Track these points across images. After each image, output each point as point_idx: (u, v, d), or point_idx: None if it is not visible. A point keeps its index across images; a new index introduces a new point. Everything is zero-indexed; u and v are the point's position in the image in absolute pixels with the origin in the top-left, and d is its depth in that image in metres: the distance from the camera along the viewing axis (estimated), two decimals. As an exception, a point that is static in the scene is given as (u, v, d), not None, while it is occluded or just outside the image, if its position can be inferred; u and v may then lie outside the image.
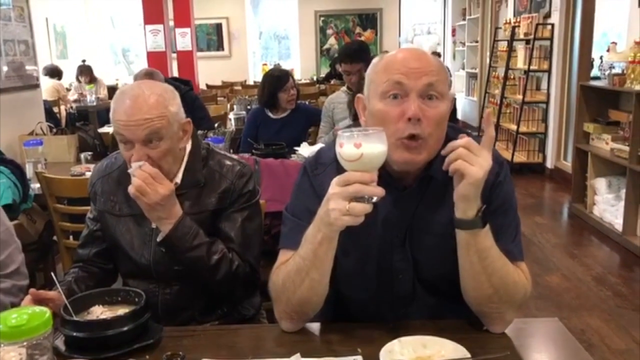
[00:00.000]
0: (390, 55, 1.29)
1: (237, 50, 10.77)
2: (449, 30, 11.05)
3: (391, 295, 1.38)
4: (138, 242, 1.59)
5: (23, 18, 3.86)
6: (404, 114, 1.20)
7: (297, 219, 1.34)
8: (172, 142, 1.49)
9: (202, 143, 1.64)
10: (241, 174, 1.59)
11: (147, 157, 1.45)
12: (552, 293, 3.45)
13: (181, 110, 1.53)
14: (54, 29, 9.61)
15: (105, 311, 1.37)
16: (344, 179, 1.10)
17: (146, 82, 1.54)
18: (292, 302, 1.28)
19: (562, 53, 5.97)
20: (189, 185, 1.57)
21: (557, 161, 6.15)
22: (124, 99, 1.46)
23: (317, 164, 1.39)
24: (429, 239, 1.31)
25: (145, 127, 1.43)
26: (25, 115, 3.78)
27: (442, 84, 1.23)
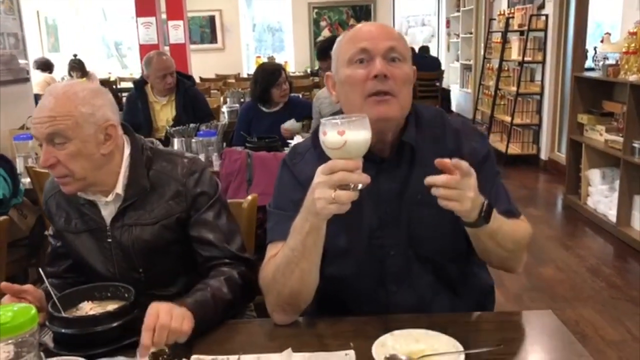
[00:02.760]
0: (354, 29, 1.37)
1: (231, 43, 10.71)
2: (443, 22, 11.02)
3: (382, 272, 1.37)
4: (99, 256, 1.52)
5: (12, 11, 3.82)
6: (371, 73, 1.27)
7: (281, 211, 1.36)
8: (84, 145, 1.38)
9: (144, 144, 1.53)
10: (190, 172, 1.49)
11: (55, 158, 1.37)
12: (546, 285, 3.45)
13: (101, 111, 1.40)
14: (45, 22, 9.54)
15: (95, 307, 1.35)
16: (329, 167, 1.10)
17: (72, 82, 1.45)
18: (284, 294, 1.28)
19: (556, 44, 5.96)
20: (134, 194, 1.47)
21: (551, 153, 6.15)
22: (44, 97, 1.39)
23: (295, 154, 1.44)
24: (426, 211, 1.31)
25: (47, 126, 1.34)
26: (16, 109, 3.74)
27: (403, 49, 1.32)
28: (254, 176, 2.41)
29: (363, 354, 1.17)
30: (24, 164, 2.82)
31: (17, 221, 2.70)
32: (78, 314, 1.31)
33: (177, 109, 3.77)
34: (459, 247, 1.38)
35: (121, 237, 1.49)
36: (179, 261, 1.54)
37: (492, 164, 1.40)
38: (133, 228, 1.48)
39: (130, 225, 1.48)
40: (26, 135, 3.07)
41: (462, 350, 1.16)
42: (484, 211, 1.19)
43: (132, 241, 1.48)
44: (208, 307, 1.32)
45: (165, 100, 3.81)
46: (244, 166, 2.42)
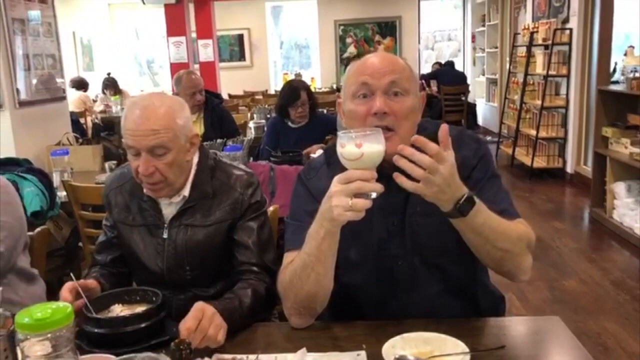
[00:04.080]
0: (360, 60, 1.42)
1: (258, 61, 10.92)
2: (469, 37, 11.05)
3: (392, 281, 1.45)
4: (151, 251, 1.63)
5: (51, 33, 4.02)
6: (371, 110, 1.34)
7: (297, 222, 1.45)
8: (179, 154, 1.52)
9: (209, 154, 1.67)
10: (249, 184, 1.63)
11: (154, 167, 1.49)
12: (568, 297, 3.46)
13: (189, 123, 1.56)
14: (81, 42, 9.87)
15: (124, 309, 1.45)
16: (346, 176, 1.18)
17: (157, 94, 1.58)
18: (300, 298, 1.36)
19: (580, 58, 5.95)
20: (198, 197, 1.60)
21: (577, 166, 6.12)
22: (134, 109, 1.49)
23: (309, 170, 1.54)
24: (426, 221, 1.39)
25: (152, 138, 1.46)
26: (53, 126, 3.93)
27: (405, 81, 1.36)
28: (276, 189, 2.51)
29: (374, 354, 1.24)
30: (60, 178, 2.97)
31: (53, 232, 2.84)
32: (109, 316, 1.41)
33: (205, 126, 3.91)
34: (462, 252, 1.42)
35: (177, 235, 1.61)
36: (222, 265, 1.64)
37: (485, 166, 1.43)
38: (189, 228, 1.61)
39: (187, 225, 1.61)
40: (62, 151, 3.23)
41: (468, 352, 1.22)
42: (460, 203, 1.21)
43: (185, 240, 1.60)
44: (235, 317, 1.41)
45: (194, 117, 3.95)
46: (267, 179, 2.51)
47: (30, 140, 3.63)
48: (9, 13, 3.50)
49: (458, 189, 1.21)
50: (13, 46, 3.53)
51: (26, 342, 1.02)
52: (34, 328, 1.01)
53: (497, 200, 1.38)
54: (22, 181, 2.63)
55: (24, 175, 2.66)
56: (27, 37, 3.70)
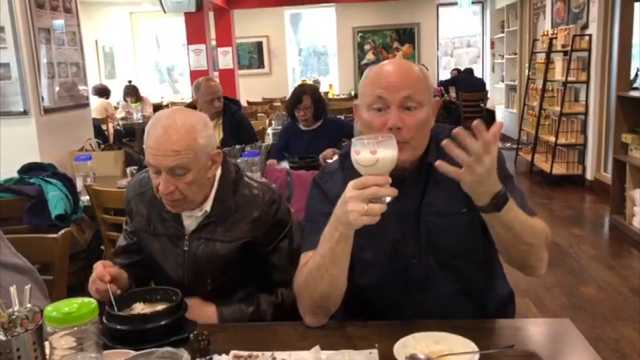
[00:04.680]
0: (376, 69, 1.46)
1: (277, 68, 11.02)
2: (488, 43, 11.03)
3: (406, 280, 1.49)
4: (172, 261, 1.64)
5: (75, 42, 4.13)
6: (386, 123, 1.38)
7: (313, 223, 1.49)
8: (199, 172, 1.51)
9: (231, 167, 1.66)
10: (272, 202, 1.62)
11: (174, 186, 1.49)
12: (586, 304, 3.44)
13: (211, 141, 1.55)
14: (103, 51, 10.06)
15: (146, 308, 1.49)
16: (362, 182, 1.22)
17: (181, 111, 1.55)
18: (314, 298, 1.40)
19: (600, 64, 5.92)
20: (219, 212, 1.60)
21: (597, 172, 6.08)
22: (156, 127, 1.48)
23: (324, 174, 1.59)
24: (440, 220, 1.45)
25: (172, 159, 1.45)
26: (76, 132, 4.02)
27: (419, 94, 1.40)
28: (293, 193, 2.55)
29: (386, 353, 1.27)
30: (83, 183, 3.04)
31: (76, 235, 2.92)
32: (131, 313, 1.46)
33: (224, 132, 3.97)
34: (475, 252, 1.49)
35: (197, 248, 1.61)
36: (243, 276, 1.66)
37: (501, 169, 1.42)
38: (210, 242, 1.60)
39: (208, 239, 1.61)
40: (85, 156, 3.31)
41: (477, 351, 1.24)
42: (498, 199, 1.25)
43: (206, 254, 1.60)
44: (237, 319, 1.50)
45: (213, 124, 4.00)
46: (284, 184, 2.56)
47: (54, 146, 3.72)
48: (35, 23, 3.60)
49: (495, 184, 1.24)
50: (39, 55, 3.63)
51: (54, 335, 1.08)
52: (61, 321, 1.06)
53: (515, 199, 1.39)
54: (47, 185, 2.71)
55: (49, 179, 2.74)
56: (52, 46, 3.81)
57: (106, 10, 10.08)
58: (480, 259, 1.51)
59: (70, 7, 4.07)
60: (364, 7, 10.43)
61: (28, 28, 3.54)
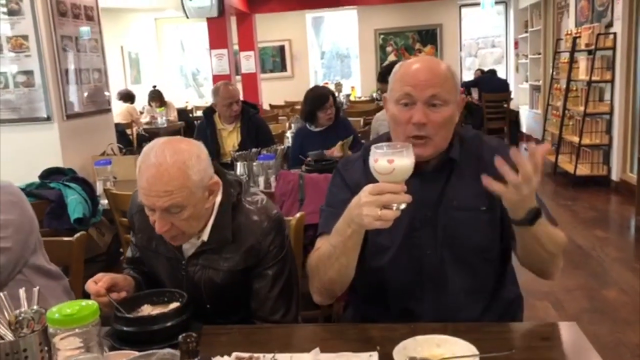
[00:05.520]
0: (406, 66, 1.51)
1: (299, 71, 11.07)
2: (512, 43, 10.91)
3: (419, 270, 1.53)
4: (172, 281, 1.64)
5: (97, 48, 4.21)
6: (411, 118, 1.45)
7: (331, 208, 1.55)
8: (197, 207, 1.48)
9: (231, 192, 1.60)
10: (268, 232, 1.57)
11: (170, 223, 1.46)
12: (608, 307, 3.38)
13: (207, 172, 1.50)
14: (129, 56, 10.23)
15: (154, 310, 1.52)
16: (378, 188, 1.25)
17: (171, 146, 1.46)
18: (323, 281, 1.47)
19: (625, 62, 5.81)
20: (216, 241, 1.57)
21: (622, 173, 5.96)
22: (147, 165, 1.43)
23: (347, 162, 1.67)
24: (459, 214, 1.50)
25: (166, 199, 1.42)
26: (98, 137, 4.11)
27: (446, 93, 1.45)
28: (305, 196, 2.57)
29: (387, 356, 1.27)
30: (103, 187, 3.11)
31: (96, 238, 2.98)
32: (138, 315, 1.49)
33: (242, 135, 4.02)
34: (489, 250, 1.53)
35: (194, 274, 1.60)
36: (242, 300, 1.64)
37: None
38: (207, 270, 1.60)
39: (204, 266, 1.60)
40: (105, 161, 3.38)
41: (477, 354, 1.24)
42: (532, 214, 1.32)
43: (203, 281, 1.60)
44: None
45: (231, 127, 4.07)
46: (296, 187, 2.58)
47: (76, 150, 3.81)
48: (58, 31, 3.69)
49: (533, 200, 1.32)
50: (61, 62, 3.72)
51: (57, 336, 1.11)
52: (63, 323, 1.10)
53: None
54: (67, 190, 2.78)
55: (68, 184, 2.81)
56: (74, 53, 3.90)
57: (131, 16, 10.25)
58: (493, 258, 1.55)
59: (92, 15, 4.16)
60: (386, 9, 10.41)
61: (51, 36, 3.63)
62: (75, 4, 3.93)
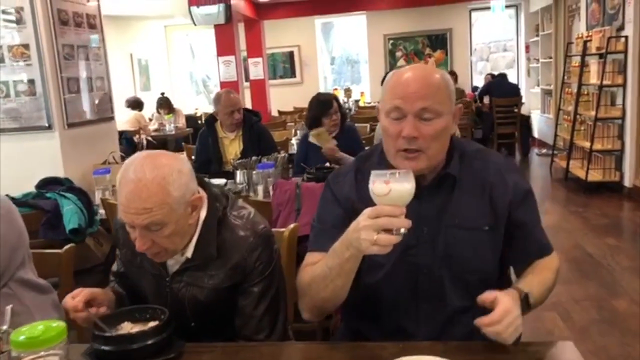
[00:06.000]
0: (396, 76, 1.45)
1: (309, 77, 11.04)
2: (523, 47, 10.80)
3: (414, 289, 1.47)
4: (157, 298, 1.59)
5: (100, 57, 4.20)
6: (402, 133, 1.38)
7: (321, 225, 1.52)
8: (179, 224, 1.43)
9: (217, 207, 1.54)
10: (254, 247, 1.51)
11: (151, 241, 1.42)
12: (617, 318, 3.29)
13: (189, 187, 1.44)
14: (139, 63, 10.27)
15: (135, 327, 1.48)
16: (376, 211, 1.21)
17: (152, 160, 1.40)
18: (316, 300, 1.43)
19: (637, 66, 5.70)
20: (200, 258, 1.52)
21: (635, 179, 5.84)
22: (126, 181, 1.38)
23: (338, 175, 1.60)
24: (461, 233, 1.44)
25: (145, 217, 1.36)
26: (101, 146, 4.08)
27: (438, 104, 1.38)
28: (302, 206, 2.52)
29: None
30: (101, 197, 3.08)
31: (93, 249, 2.95)
32: (117, 333, 1.44)
33: (244, 143, 3.98)
34: (489, 270, 1.48)
35: (179, 291, 1.55)
36: (228, 318, 1.59)
37: (534, 200, 1.51)
38: (191, 287, 1.54)
39: (188, 283, 1.54)
40: (104, 170, 3.36)
41: (465, 377, 1.18)
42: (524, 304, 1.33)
43: (187, 298, 1.55)
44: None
45: (233, 135, 4.03)
46: (293, 196, 2.53)
47: (78, 159, 3.79)
48: (59, 39, 3.68)
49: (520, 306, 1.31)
50: (63, 70, 3.71)
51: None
52: (27, 346, 1.05)
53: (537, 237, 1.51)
54: (62, 200, 2.75)
55: (64, 194, 2.79)
56: (77, 61, 3.89)
57: (141, 24, 10.29)
58: (492, 278, 1.49)
59: (95, 23, 4.15)
60: (395, 13, 10.35)
61: (52, 45, 3.62)
62: (77, 13, 3.92)
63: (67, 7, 3.79)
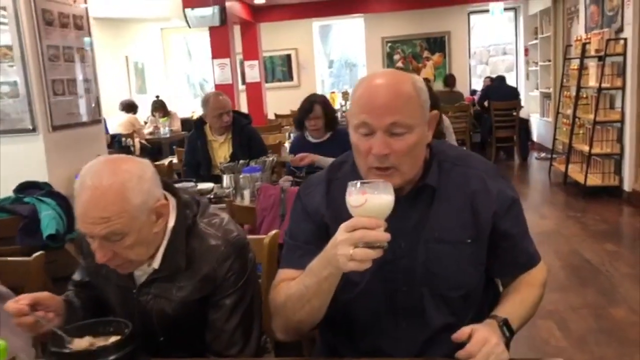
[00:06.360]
0: (363, 88, 1.32)
1: (306, 80, 10.94)
2: (522, 50, 10.73)
3: (392, 306, 1.37)
4: (124, 310, 1.49)
5: (87, 58, 4.12)
6: (371, 150, 1.27)
7: (292, 241, 1.43)
8: (142, 233, 1.34)
9: (187, 214, 1.45)
10: (225, 257, 1.42)
11: (112, 252, 1.33)
12: (615, 327, 3.19)
13: (151, 194, 1.35)
14: (135, 66, 10.20)
15: (96, 342, 1.38)
16: (351, 224, 1.13)
17: (110, 165, 1.33)
18: (291, 321, 1.35)
19: (636, 69, 5.62)
20: (168, 269, 1.43)
21: (635, 183, 5.74)
22: (83, 187, 1.30)
23: (308, 186, 1.49)
24: (441, 248, 1.34)
25: (103, 227, 1.28)
26: (87, 149, 3.98)
27: (408, 118, 1.26)
28: (287, 211, 2.43)
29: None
30: (82, 201, 2.98)
31: (74, 255, 2.86)
32: (75, 349, 1.35)
33: (233, 147, 3.89)
34: (472, 286, 1.38)
35: (147, 304, 1.46)
36: (200, 329, 1.50)
37: (520, 209, 1.41)
38: (159, 299, 1.45)
39: (156, 295, 1.46)
40: (87, 174, 3.26)
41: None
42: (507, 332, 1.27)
43: (155, 311, 1.46)
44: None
45: (222, 139, 3.94)
46: (278, 201, 2.44)
47: (63, 163, 3.69)
48: (44, 40, 3.59)
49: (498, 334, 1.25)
50: (48, 72, 3.62)
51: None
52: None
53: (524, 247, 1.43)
54: (41, 205, 2.67)
55: (42, 199, 2.70)
56: (62, 63, 3.80)
57: (137, 27, 10.22)
58: (476, 293, 1.40)
59: (82, 24, 4.06)
60: (393, 16, 10.26)
61: (36, 46, 3.53)
62: (64, 13, 3.84)
63: (52, 8, 3.71)
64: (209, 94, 3.93)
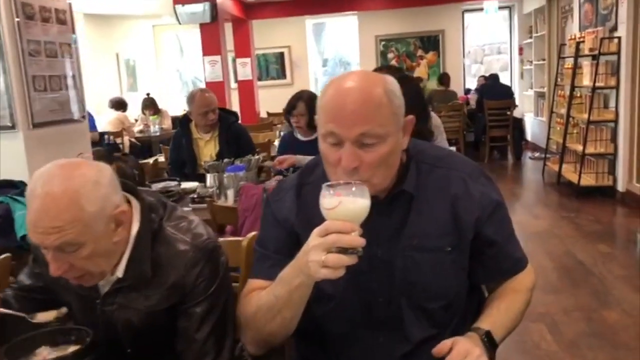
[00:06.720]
0: (331, 91, 1.21)
1: (299, 78, 10.85)
2: (516, 49, 10.68)
3: (368, 318, 1.29)
4: (87, 321, 1.38)
5: (70, 54, 4.02)
6: (340, 162, 1.17)
7: (262, 249, 1.36)
8: (100, 243, 1.25)
9: (153, 218, 1.36)
10: (193, 264, 1.33)
11: (68, 264, 1.23)
12: (608, 330, 3.12)
13: (109, 201, 1.25)
14: (126, 64, 10.09)
15: (53, 353, 1.29)
16: (324, 228, 1.05)
17: (63, 171, 1.23)
18: (262, 333, 1.28)
19: (630, 68, 5.56)
20: (133, 277, 1.34)
21: (628, 184, 5.69)
22: (34, 194, 1.20)
23: (279, 191, 1.40)
24: (420, 256, 1.25)
25: (55, 237, 1.18)
26: (70, 147, 3.88)
27: (379, 127, 1.16)
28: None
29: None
30: (61, 200, 2.90)
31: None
32: (31, 360, 1.27)
33: (220, 145, 3.80)
34: (453, 295, 1.31)
35: (112, 314, 1.37)
36: (169, 340, 1.40)
37: (505, 213, 1.33)
38: (124, 310, 1.37)
39: (122, 305, 1.37)
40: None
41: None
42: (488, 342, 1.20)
43: (121, 321, 1.37)
44: None
45: (208, 137, 3.86)
46: (260, 201, 2.36)
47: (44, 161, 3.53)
48: (24, 35, 3.50)
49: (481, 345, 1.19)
50: (28, 67, 3.52)
51: None
52: None
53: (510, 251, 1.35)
54: (15, 204, 2.57)
55: (17, 198, 2.60)
56: (44, 58, 3.70)
57: (129, 24, 10.11)
58: (457, 304, 1.32)
59: (65, 19, 3.96)
60: (387, 14, 10.19)
61: (15, 40, 3.43)
62: (45, 7, 3.73)
63: (33, 1, 3.60)
64: (195, 90, 3.84)
